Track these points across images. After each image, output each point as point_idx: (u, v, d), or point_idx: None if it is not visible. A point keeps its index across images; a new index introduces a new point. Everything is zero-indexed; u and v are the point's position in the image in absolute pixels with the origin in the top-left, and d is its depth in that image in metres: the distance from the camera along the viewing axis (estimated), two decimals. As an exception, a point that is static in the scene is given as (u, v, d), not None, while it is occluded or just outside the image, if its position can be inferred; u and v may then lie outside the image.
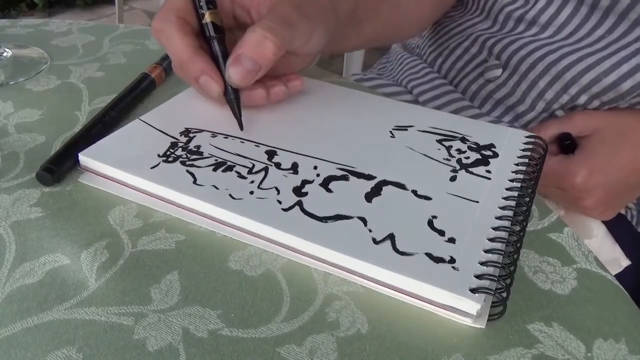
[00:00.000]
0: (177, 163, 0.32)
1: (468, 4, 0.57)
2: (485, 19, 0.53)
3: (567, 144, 0.43)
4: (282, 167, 0.33)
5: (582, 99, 0.44)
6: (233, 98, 0.35)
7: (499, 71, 0.49)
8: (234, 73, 0.33)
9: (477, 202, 0.30)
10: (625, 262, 0.45)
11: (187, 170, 0.32)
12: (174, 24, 0.34)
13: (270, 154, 0.34)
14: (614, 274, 0.44)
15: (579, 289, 0.27)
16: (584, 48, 0.43)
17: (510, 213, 0.30)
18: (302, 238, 0.27)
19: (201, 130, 0.36)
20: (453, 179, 0.32)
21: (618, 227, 0.46)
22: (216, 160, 0.33)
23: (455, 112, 0.50)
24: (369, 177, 0.32)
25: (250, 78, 0.33)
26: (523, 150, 0.35)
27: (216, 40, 0.35)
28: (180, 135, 0.35)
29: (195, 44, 0.34)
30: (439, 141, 0.36)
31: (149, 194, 0.31)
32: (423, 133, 0.37)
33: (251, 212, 0.29)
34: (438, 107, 0.52)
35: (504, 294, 0.25)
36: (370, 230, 0.28)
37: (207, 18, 0.35)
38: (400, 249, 0.27)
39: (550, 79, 0.45)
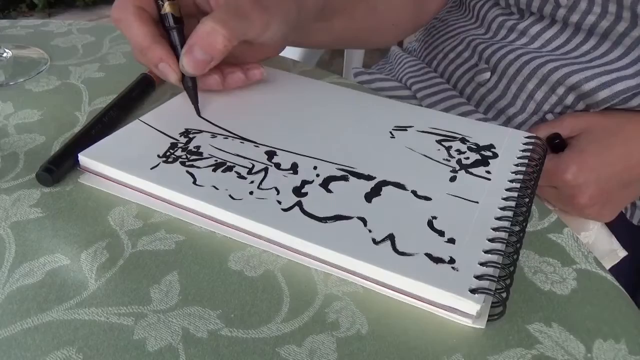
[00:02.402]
0: (177, 163, 0.32)
1: (464, 10, 0.57)
2: (479, 26, 0.54)
3: (556, 143, 0.44)
4: (281, 167, 0.33)
5: (570, 99, 0.45)
6: (190, 85, 0.37)
7: (487, 74, 0.50)
8: (187, 63, 0.34)
9: (477, 202, 0.30)
10: (622, 253, 0.45)
11: (187, 171, 0.32)
12: (132, 13, 0.35)
13: (270, 154, 0.34)
14: (611, 265, 0.44)
15: (579, 290, 0.27)
16: (570, 59, 0.45)
17: (510, 214, 0.30)
18: (302, 238, 0.27)
19: (201, 131, 0.36)
20: (453, 179, 0.32)
21: (613, 220, 0.46)
22: (216, 160, 0.33)
23: (454, 111, 0.51)
24: (369, 178, 0.32)
25: (202, 67, 0.35)
26: (523, 150, 0.35)
27: (175, 30, 0.36)
28: (180, 136, 0.35)
29: (154, 32, 0.36)
30: (439, 141, 0.36)
31: (149, 195, 0.31)
32: (423, 133, 0.37)
33: (251, 212, 0.29)
34: (436, 105, 0.52)
35: (504, 295, 0.25)
36: (370, 231, 0.28)
37: (167, 8, 0.36)
38: (400, 250, 0.27)
39: (537, 81, 0.46)
